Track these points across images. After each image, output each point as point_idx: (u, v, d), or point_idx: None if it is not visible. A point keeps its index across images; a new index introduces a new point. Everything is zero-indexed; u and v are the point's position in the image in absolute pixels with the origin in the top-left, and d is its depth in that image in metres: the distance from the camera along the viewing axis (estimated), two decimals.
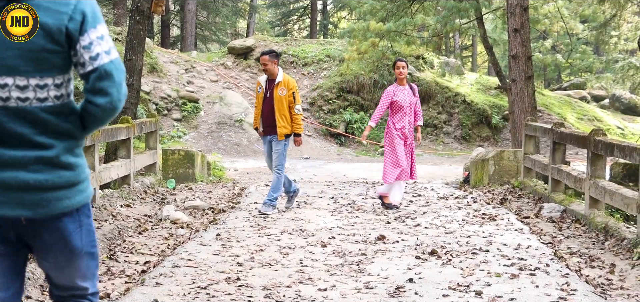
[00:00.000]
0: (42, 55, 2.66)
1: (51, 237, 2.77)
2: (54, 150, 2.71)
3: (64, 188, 2.73)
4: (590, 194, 9.08)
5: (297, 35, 44.09)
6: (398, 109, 10.20)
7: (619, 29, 27.62)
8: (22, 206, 2.68)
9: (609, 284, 6.45)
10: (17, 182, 2.66)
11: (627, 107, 30.22)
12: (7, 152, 2.66)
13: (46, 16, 2.66)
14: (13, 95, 2.65)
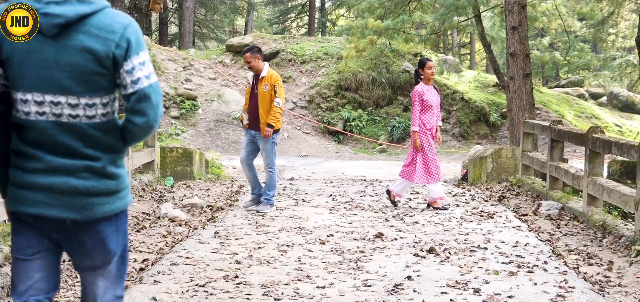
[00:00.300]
0: (92, 77, 2.91)
1: (91, 240, 3.03)
2: (100, 161, 2.99)
3: (106, 195, 3.00)
4: (588, 191, 9.09)
5: (295, 32, 44.11)
6: (427, 108, 10.05)
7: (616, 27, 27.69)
8: (69, 208, 2.94)
9: (606, 281, 6.46)
10: (68, 187, 2.94)
11: (625, 104, 30.24)
12: (59, 160, 2.94)
13: (96, 43, 2.89)
14: (65, 112, 2.91)
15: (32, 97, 2.92)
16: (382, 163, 18.54)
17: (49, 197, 2.94)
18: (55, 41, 2.90)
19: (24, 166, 2.97)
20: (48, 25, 2.89)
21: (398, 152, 22.08)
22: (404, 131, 23.34)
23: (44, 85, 2.91)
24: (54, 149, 2.94)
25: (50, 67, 2.90)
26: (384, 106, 24.49)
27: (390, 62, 25.24)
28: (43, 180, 2.94)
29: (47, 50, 2.90)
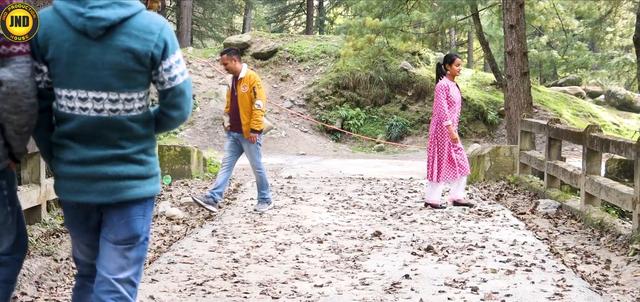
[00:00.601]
0: (131, 74, 3.18)
1: (119, 220, 3.30)
2: (132, 149, 3.26)
3: (136, 179, 3.28)
4: (586, 190, 9.09)
5: (293, 31, 44.09)
6: (450, 104, 9.91)
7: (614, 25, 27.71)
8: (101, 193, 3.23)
9: (604, 280, 6.46)
10: (100, 174, 3.21)
11: (623, 103, 30.25)
12: (93, 152, 3.21)
13: (136, 43, 3.16)
14: (106, 107, 3.18)
15: (77, 94, 3.17)
16: (379, 162, 18.54)
17: (86, 185, 3.23)
18: (100, 42, 3.14)
19: (64, 157, 3.26)
20: (93, 28, 3.12)
21: (396, 150, 22.09)
22: (401, 130, 23.35)
23: (88, 83, 3.16)
24: (92, 140, 3.22)
25: (95, 66, 3.15)
26: (381, 105, 24.48)
27: (388, 61, 25.23)
28: (78, 170, 3.23)
29: (92, 51, 3.14)
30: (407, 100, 24.62)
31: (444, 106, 9.83)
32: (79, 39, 3.15)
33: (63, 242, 7.15)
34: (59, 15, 3.18)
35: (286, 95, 24.58)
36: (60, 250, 6.87)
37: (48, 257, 6.57)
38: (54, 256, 6.64)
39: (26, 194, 7.38)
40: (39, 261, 6.39)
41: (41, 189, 7.70)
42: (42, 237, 7.11)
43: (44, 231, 7.31)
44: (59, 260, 6.64)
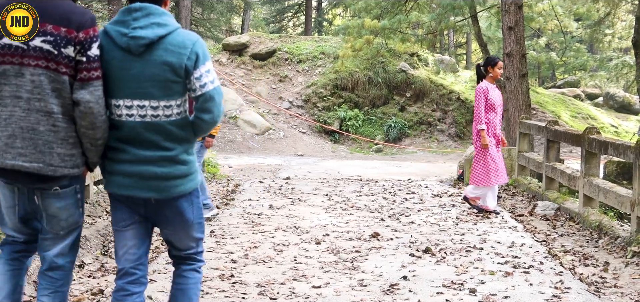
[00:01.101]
0: (169, 84, 3.65)
1: (171, 213, 3.83)
2: (175, 151, 3.75)
3: (180, 177, 3.77)
4: (584, 192, 9.09)
5: (292, 32, 44.08)
6: (491, 107, 9.70)
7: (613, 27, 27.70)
8: (151, 190, 3.73)
9: (602, 282, 6.46)
10: (149, 173, 3.71)
11: (621, 105, 30.29)
12: (143, 152, 3.70)
13: (172, 57, 3.63)
14: (148, 113, 3.66)
15: (123, 103, 3.67)
16: (378, 163, 18.54)
17: (136, 182, 3.72)
18: (141, 58, 3.63)
19: (116, 157, 3.76)
20: (136, 46, 3.61)
21: (394, 152, 22.09)
22: (400, 131, 23.35)
23: (133, 93, 3.65)
24: (139, 143, 3.71)
25: (138, 78, 3.63)
26: (380, 106, 24.48)
27: (386, 62, 25.23)
28: (131, 168, 3.72)
29: (135, 66, 3.63)
30: (405, 102, 24.61)
31: (481, 110, 9.59)
32: (124, 55, 3.64)
33: None
34: (108, 37, 3.68)
35: (284, 96, 24.58)
36: None
37: None
38: None
39: None
40: (37, 260, 6.37)
41: None
42: None
43: None
44: None
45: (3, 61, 3.61)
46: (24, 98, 3.58)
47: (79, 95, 3.59)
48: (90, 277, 6.50)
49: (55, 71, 3.57)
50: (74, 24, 3.58)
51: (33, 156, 3.61)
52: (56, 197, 3.75)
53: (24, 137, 3.60)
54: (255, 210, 9.92)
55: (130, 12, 3.67)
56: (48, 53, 3.56)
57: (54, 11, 3.59)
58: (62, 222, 3.82)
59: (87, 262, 6.92)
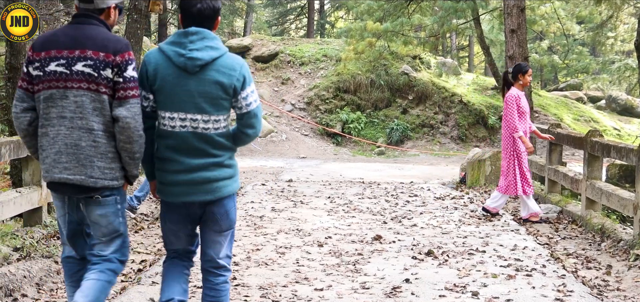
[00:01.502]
0: (219, 101, 4.12)
1: (219, 212, 4.25)
2: (222, 157, 4.21)
3: (227, 180, 4.23)
4: (587, 195, 9.09)
5: (294, 34, 44.09)
6: (521, 115, 9.54)
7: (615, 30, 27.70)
8: (205, 193, 4.16)
9: (605, 286, 6.46)
10: (201, 179, 4.15)
11: (624, 108, 30.25)
12: (194, 161, 4.14)
13: (223, 77, 4.09)
14: (200, 125, 4.11)
15: (177, 115, 4.10)
16: (380, 165, 18.53)
17: (190, 188, 4.15)
18: (196, 76, 4.07)
19: (169, 168, 4.17)
20: (192, 66, 4.06)
21: (396, 154, 22.08)
22: (402, 134, 23.34)
23: (187, 107, 4.09)
24: (190, 152, 4.14)
25: (192, 95, 4.08)
26: (382, 108, 24.48)
27: (389, 65, 25.24)
28: (184, 177, 4.15)
29: (190, 83, 4.08)
30: (407, 104, 24.61)
31: (515, 117, 9.48)
32: (180, 73, 4.07)
33: None
34: (164, 55, 4.11)
35: (287, 98, 24.59)
36: (60, 252, 6.85)
37: (49, 259, 6.56)
38: (55, 258, 6.64)
39: (27, 196, 7.39)
40: (39, 262, 6.39)
41: (42, 191, 7.70)
42: (42, 239, 7.11)
43: (44, 233, 7.30)
44: (59, 262, 6.63)
45: (50, 86, 4.02)
46: (68, 117, 4.02)
47: (117, 112, 4.01)
48: None
49: (95, 92, 4.00)
50: (110, 49, 4.00)
51: (76, 169, 4.04)
52: (97, 205, 4.14)
53: (68, 153, 4.04)
54: (258, 212, 9.92)
55: (187, 35, 4.11)
56: (89, 76, 3.99)
57: (93, 39, 4.02)
58: (103, 229, 4.21)
59: None
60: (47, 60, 4.03)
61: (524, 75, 9.68)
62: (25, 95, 4.12)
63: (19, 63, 8.98)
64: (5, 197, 7.03)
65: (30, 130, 4.16)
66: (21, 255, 6.47)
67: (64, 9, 14.34)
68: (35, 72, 4.06)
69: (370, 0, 21.87)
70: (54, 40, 4.05)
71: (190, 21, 4.16)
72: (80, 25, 4.08)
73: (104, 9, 4.17)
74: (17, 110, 4.14)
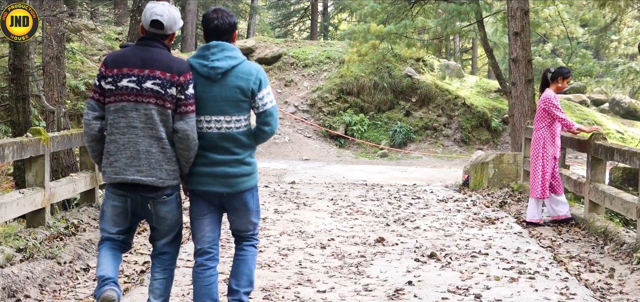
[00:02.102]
0: (239, 104, 4.73)
1: (238, 203, 4.88)
2: (242, 155, 4.81)
3: (246, 176, 4.83)
4: (590, 198, 9.08)
5: (298, 36, 44.10)
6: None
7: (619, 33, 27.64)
8: (225, 186, 4.78)
9: (608, 289, 6.45)
10: (224, 173, 4.77)
11: (627, 111, 30.19)
12: (218, 156, 4.76)
13: (242, 82, 4.70)
14: (224, 126, 4.73)
15: (204, 118, 4.72)
16: (383, 168, 18.53)
17: (213, 180, 4.77)
18: (218, 83, 4.70)
19: (197, 162, 4.77)
20: (214, 74, 4.69)
21: (399, 157, 22.08)
22: (405, 136, 23.34)
23: (212, 110, 4.71)
24: (215, 149, 4.75)
25: (215, 99, 4.70)
26: (385, 111, 24.48)
27: (392, 67, 25.23)
28: (209, 169, 4.77)
29: (214, 89, 4.70)
30: (411, 107, 24.60)
31: (560, 114, 9.34)
32: (204, 81, 4.69)
33: (67, 245, 7.15)
34: (191, 67, 4.71)
35: (290, 100, 24.58)
36: (63, 253, 6.87)
37: (52, 261, 6.57)
38: (58, 259, 6.65)
39: (30, 197, 7.39)
40: (42, 263, 6.39)
41: (46, 192, 7.71)
42: (45, 241, 7.11)
43: (47, 234, 7.31)
44: (62, 263, 6.64)
45: (121, 99, 4.61)
46: (139, 127, 4.62)
47: (178, 124, 4.64)
48: (96, 281, 6.49)
49: (162, 106, 4.61)
50: (175, 70, 4.62)
51: (148, 172, 4.64)
52: (163, 204, 4.76)
53: (140, 158, 4.64)
54: (261, 214, 9.91)
55: (208, 48, 4.74)
56: (157, 93, 4.59)
57: (160, 61, 4.63)
58: (168, 222, 4.84)
59: (92, 266, 6.93)
60: (120, 76, 4.61)
61: (564, 80, 9.54)
62: (97, 105, 4.70)
63: (22, 64, 9.01)
64: (9, 198, 7.04)
65: (98, 136, 4.73)
66: (24, 256, 6.47)
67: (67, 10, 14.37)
68: (107, 86, 4.65)
69: (374, 3, 21.84)
70: (124, 59, 4.64)
71: (210, 36, 4.79)
72: (148, 48, 4.69)
73: (167, 36, 4.80)
74: (89, 118, 4.71)
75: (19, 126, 9.14)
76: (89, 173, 9.20)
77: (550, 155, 9.44)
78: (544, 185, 9.43)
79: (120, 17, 27.32)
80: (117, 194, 4.76)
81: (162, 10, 4.74)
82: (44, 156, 7.72)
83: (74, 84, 19.75)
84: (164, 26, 4.71)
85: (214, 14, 4.80)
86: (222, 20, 4.77)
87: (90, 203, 9.14)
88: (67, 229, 7.73)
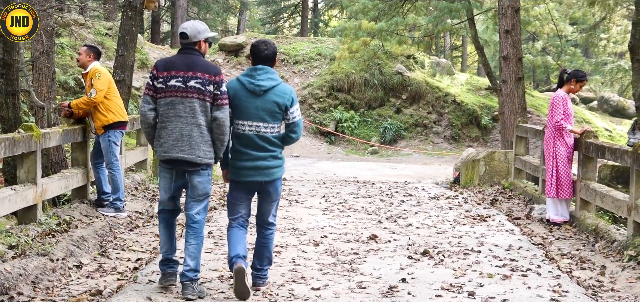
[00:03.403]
0: (275, 115, 5.97)
1: (271, 189, 6.11)
2: (276, 152, 6.04)
3: (278, 168, 6.07)
4: (581, 195, 9.12)
5: (288, 33, 44.06)
6: (568, 117, 9.36)
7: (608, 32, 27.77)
8: (263, 176, 6.00)
9: (600, 286, 6.49)
10: (263, 165, 5.98)
11: (615, 109, 30.35)
12: (257, 153, 5.96)
13: (279, 98, 5.96)
14: (261, 130, 5.96)
15: (247, 123, 5.97)
16: (373, 165, 18.56)
17: (254, 172, 5.99)
18: (260, 97, 5.96)
19: (240, 157, 6.00)
20: (259, 89, 5.95)
21: (390, 153, 22.11)
22: (395, 133, 23.37)
23: (253, 118, 5.96)
24: (255, 147, 5.96)
25: (257, 109, 5.95)
26: (376, 107, 24.51)
27: (383, 64, 25.25)
28: (250, 164, 5.97)
29: (256, 102, 5.96)
30: (401, 104, 24.63)
31: (557, 114, 9.29)
32: (249, 95, 5.96)
33: (59, 242, 7.13)
34: (240, 83, 5.99)
35: None
36: (56, 250, 6.84)
37: (44, 257, 6.55)
38: (50, 256, 6.62)
39: (22, 193, 7.37)
40: (35, 260, 6.37)
41: (37, 188, 7.68)
42: (37, 237, 7.08)
43: (39, 231, 7.28)
44: (55, 260, 6.62)
45: (171, 95, 5.86)
46: (184, 116, 5.86)
47: (216, 113, 5.89)
48: (89, 278, 6.49)
49: (203, 100, 5.87)
50: (212, 72, 5.91)
51: (189, 151, 5.88)
52: (198, 175, 5.97)
53: (183, 140, 5.87)
54: (253, 211, 9.89)
55: (256, 70, 6.01)
56: (198, 89, 5.85)
57: (200, 65, 5.90)
58: (199, 190, 6.00)
59: (85, 263, 6.92)
60: (169, 77, 5.88)
61: (577, 83, 9.41)
62: (151, 99, 5.96)
63: (12, 59, 8.95)
64: (0, 195, 7.01)
65: (152, 123, 5.99)
66: (16, 253, 6.44)
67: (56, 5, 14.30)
68: (159, 85, 5.92)
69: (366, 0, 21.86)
70: (172, 64, 5.92)
71: (258, 61, 6.04)
72: (189, 55, 5.96)
73: (196, 42, 6.00)
74: (145, 110, 5.96)
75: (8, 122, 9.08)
76: (80, 169, 9.17)
77: (563, 154, 9.35)
78: (560, 183, 9.30)
79: (110, 12, 27.25)
80: (166, 168, 6.04)
81: (187, 24, 6.04)
82: (35, 152, 7.69)
83: (63, 80, 19.67)
84: (188, 36, 5.95)
85: (264, 46, 6.06)
86: (269, 50, 6.07)
87: (82, 199, 9.09)
88: (59, 226, 7.70)
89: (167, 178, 6.08)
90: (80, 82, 19.64)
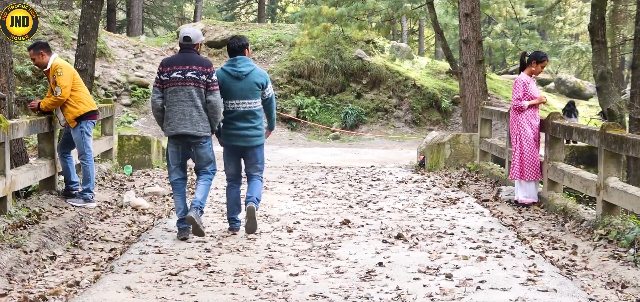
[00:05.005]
0: (256, 93, 7.56)
1: (252, 153, 7.68)
2: (256, 123, 7.60)
3: (258, 136, 7.63)
4: (549, 176, 9.25)
5: (244, 19, 43.81)
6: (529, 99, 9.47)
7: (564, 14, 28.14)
8: (245, 142, 7.61)
9: (573, 265, 6.60)
10: (245, 134, 7.59)
11: (572, 90, 30.80)
12: (242, 124, 7.56)
13: (257, 79, 7.56)
14: (247, 106, 7.55)
15: (235, 101, 7.56)
16: (336, 150, 18.59)
17: (239, 139, 7.59)
18: (242, 80, 7.52)
19: (229, 127, 7.59)
20: (241, 74, 7.51)
21: (351, 139, 22.16)
22: (356, 118, 23.43)
23: (240, 97, 7.54)
24: (240, 119, 7.55)
25: (242, 90, 7.52)
26: (336, 93, 24.53)
27: (342, 49, 25.25)
28: (235, 132, 7.57)
29: (240, 84, 7.53)
30: (361, 89, 24.68)
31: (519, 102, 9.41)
32: (233, 80, 7.52)
33: (31, 234, 7.03)
34: (225, 72, 7.54)
35: None
36: (29, 242, 6.75)
37: (17, 249, 6.46)
38: (23, 248, 6.54)
39: None
40: (8, 253, 6.28)
41: (6, 180, 7.56)
42: (9, 229, 6.97)
43: (10, 223, 7.15)
44: (28, 252, 6.53)
45: (173, 85, 7.37)
46: (185, 100, 7.36)
47: (209, 97, 7.39)
48: (64, 269, 6.42)
49: (198, 87, 7.37)
50: (204, 65, 7.44)
51: (191, 127, 7.37)
52: (200, 147, 7.52)
53: (186, 119, 7.36)
54: (222, 199, 9.83)
55: (236, 60, 7.57)
56: (194, 79, 7.35)
57: (195, 60, 7.41)
58: (204, 159, 7.62)
59: (59, 254, 6.83)
60: (171, 72, 7.39)
61: (538, 64, 9.53)
62: (159, 90, 7.47)
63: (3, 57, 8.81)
64: None
65: (161, 109, 7.47)
66: None
67: None
68: (164, 78, 7.41)
69: None
70: (173, 61, 7.45)
71: (234, 53, 7.59)
72: (187, 53, 7.48)
73: (195, 44, 7.56)
74: (155, 98, 7.48)
75: None
76: (48, 160, 9.03)
77: (529, 136, 9.47)
78: (525, 166, 9.44)
79: (66, 1, 26.81)
80: (174, 143, 7.54)
81: (189, 30, 7.62)
82: (4, 144, 7.55)
83: (20, 69, 19.35)
84: (191, 39, 7.51)
85: (237, 40, 7.60)
86: (242, 43, 7.62)
87: (50, 191, 8.96)
88: (30, 217, 7.58)
89: (174, 152, 7.59)
90: (38, 72, 19.35)
